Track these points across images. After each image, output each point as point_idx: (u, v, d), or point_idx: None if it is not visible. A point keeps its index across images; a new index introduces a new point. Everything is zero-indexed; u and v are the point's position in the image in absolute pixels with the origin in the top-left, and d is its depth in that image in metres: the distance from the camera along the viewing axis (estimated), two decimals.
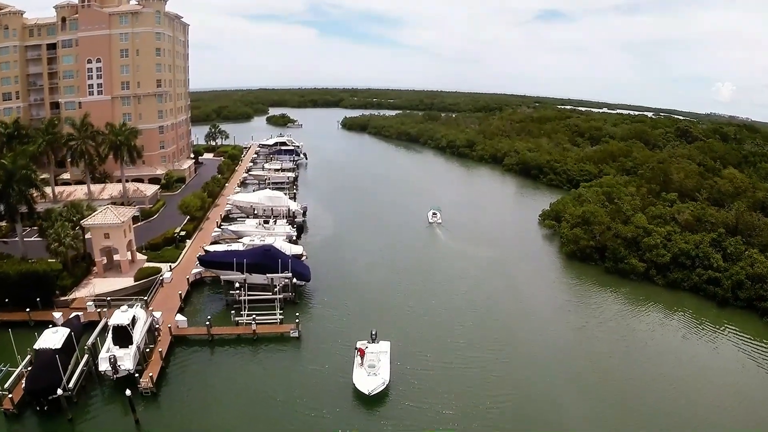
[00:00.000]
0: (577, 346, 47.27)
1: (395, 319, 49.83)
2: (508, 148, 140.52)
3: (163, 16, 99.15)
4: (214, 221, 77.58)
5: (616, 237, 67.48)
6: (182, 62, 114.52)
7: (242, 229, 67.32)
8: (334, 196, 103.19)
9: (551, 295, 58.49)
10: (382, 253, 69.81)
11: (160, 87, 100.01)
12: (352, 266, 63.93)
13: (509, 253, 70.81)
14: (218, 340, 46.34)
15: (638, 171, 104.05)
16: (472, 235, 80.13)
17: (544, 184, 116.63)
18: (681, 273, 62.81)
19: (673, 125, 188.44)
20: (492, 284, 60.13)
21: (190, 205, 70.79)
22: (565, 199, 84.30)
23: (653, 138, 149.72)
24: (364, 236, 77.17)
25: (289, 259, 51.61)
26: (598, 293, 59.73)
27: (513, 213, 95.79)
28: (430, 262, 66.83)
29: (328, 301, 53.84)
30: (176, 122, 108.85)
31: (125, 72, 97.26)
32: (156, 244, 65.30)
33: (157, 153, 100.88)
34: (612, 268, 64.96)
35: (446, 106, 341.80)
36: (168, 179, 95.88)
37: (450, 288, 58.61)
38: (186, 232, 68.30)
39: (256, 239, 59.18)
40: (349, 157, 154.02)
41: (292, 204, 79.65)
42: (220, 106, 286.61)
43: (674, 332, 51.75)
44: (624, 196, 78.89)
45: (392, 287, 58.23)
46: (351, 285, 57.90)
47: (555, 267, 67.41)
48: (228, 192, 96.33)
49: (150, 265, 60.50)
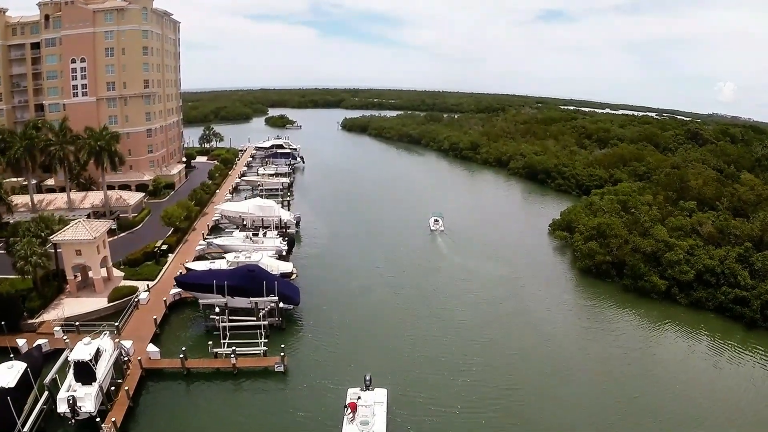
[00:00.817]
0: (601, 384, 41.82)
1: (393, 354, 44.29)
2: (514, 151, 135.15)
3: (150, 12, 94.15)
4: (201, 232, 72.30)
5: (635, 251, 62.22)
6: (173, 61, 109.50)
7: (228, 243, 62.10)
8: (331, 202, 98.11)
9: (567, 321, 52.93)
10: (381, 269, 64.41)
11: (148, 88, 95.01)
12: (346, 285, 58.46)
13: (518, 270, 65.15)
14: (195, 374, 41.20)
15: (652, 176, 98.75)
16: (476, 246, 74.85)
17: (552, 190, 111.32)
18: (705, 291, 57.73)
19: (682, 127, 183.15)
20: (501, 309, 54.37)
21: (173, 216, 65.62)
22: (577, 207, 78.92)
23: (663, 141, 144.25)
24: (361, 248, 71.91)
25: (276, 281, 46.35)
26: (618, 316, 54.38)
27: (520, 221, 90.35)
28: (433, 282, 61.13)
29: (318, 329, 48.28)
30: (166, 125, 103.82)
31: (110, 72, 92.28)
32: (135, 260, 60.23)
33: (144, 157, 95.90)
34: (631, 286, 59.69)
35: (448, 106, 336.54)
36: (156, 185, 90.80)
37: (454, 314, 52.73)
38: (168, 246, 63.15)
39: (241, 255, 53.90)
40: (349, 159, 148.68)
41: (284, 213, 74.37)
42: (219, 107, 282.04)
43: (703, 360, 46.66)
44: (640, 205, 73.52)
45: (390, 313, 52.45)
46: (345, 309, 52.32)
47: (568, 285, 61.96)
48: (219, 199, 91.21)
49: (126, 283, 55.48)
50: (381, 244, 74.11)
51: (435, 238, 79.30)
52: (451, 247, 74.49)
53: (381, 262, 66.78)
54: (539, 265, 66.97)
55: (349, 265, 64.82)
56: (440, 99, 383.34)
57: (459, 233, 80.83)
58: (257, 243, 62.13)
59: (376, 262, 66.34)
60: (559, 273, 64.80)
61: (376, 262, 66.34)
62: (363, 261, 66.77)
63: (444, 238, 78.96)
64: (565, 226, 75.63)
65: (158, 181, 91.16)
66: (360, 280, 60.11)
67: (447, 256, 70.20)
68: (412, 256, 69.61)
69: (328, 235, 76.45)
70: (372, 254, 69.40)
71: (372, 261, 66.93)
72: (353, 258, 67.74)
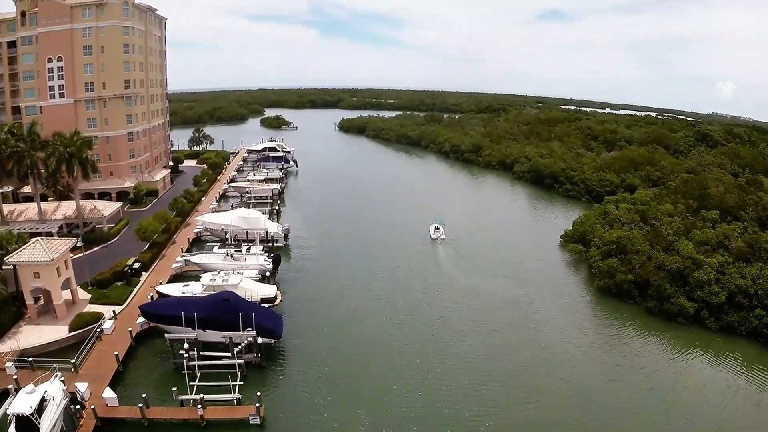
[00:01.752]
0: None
1: (387, 404, 37.74)
2: (518, 153, 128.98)
3: (132, 7, 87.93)
4: (181, 247, 65.96)
5: (659, 269, 56.22)
6: (158, 60, 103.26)
7: (207, 261, 55.90)
8: (324, 210, 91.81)
9: (590, 357, 45.94)
10: (377, 289, 58.03)
11: (129, 88, 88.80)
12: (337, 310, 51.86)
13: (528, 289, 58.79)
14: (157, 425, 35.14)
15: (667, 182, 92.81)
16: (480, 259, 68.78)
17: (560, 195, 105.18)
18: (737, 315, 51.93)
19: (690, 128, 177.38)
20: (512, 338, 47.91)
21: (148, 230, 59.41)
22: (590, 217, 72.73)
23: (674, 143, 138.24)
24: (355, 263, 65.56)
25: (254, 312, 40.07)
26: (645, 347, 48.09)
27: (527, 230, 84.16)
28: (434, 306, 54.35)
29: (303, 369, 41.57)
30: (150, 127, 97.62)
31: (89, 72, 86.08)
32: (104, 280, 54.09)
33: (126, 163, 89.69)
34: (656, 309, 53.72)
35: (448, 106, 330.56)
36: (137, 193, 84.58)
37: (460, 347, 46.03)
38: (141, 264, 56.97)
39: (218, 278, 47.60)
40: (345, 163, 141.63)
41: (272, 225, 68.03)
42: (214, 107, 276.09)
43: (746, 399, 40.60)
44: (661, 215, 67.45)
45: (385, 348, 45.53)
46: (334, 342, 45.68)
47: (587, 309, 55.35)
48: (204, 208, 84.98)
49: (91, 308, 49.46)
50: (377, 257, 67.93)
51: (436, 248, 73.57)
52: (454, 260, 68.43)
53: (377, 280, 60.43)
54: (552, 284, 60.60)
55: (341, 285, 58.43)
56: (440, 99, 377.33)
57: (461, 243, 75.14)
58: (239, 261, 55.96)
59: (371, 281, 59.95)
60: (575, 293, 58.46)
61: (371, 281, 59.95)
62: (357, 279, 60.45)
63: (445, 249, 73.16)
64: (579, 238, 69.62)
65: (139, 189, 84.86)
66: (353, 303, 53.68)
67: (449, 272, 63.62)
68: (412, 272, 63.43)
69: (319, 249, 70.21)
70: (367, 270, 63.14)
71: (367, 279, 60.63)
72: (346, 275, 61.43)
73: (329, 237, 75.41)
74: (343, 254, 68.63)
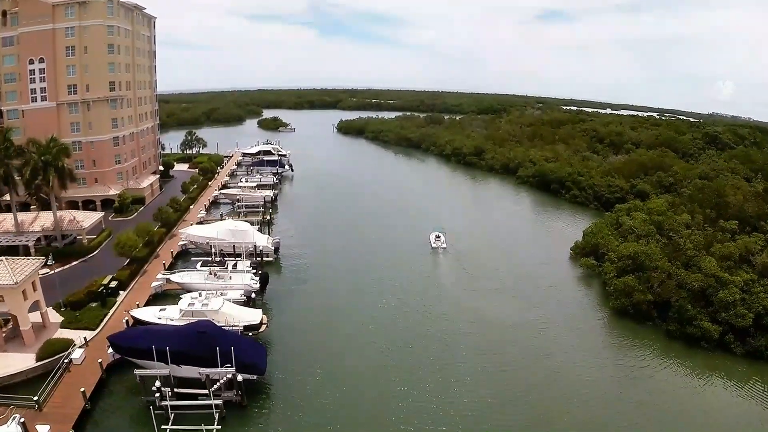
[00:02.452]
0: None
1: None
2: (522, 157, 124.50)
3: (117, 6, 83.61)
4: (163, 262, 61.27)
5: (680, 287, 51.90)
6: (146, 61, 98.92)
7: (188, 281, 51.47)
8: (319, 218, 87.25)
9: (612, 393, 40.80)
10: (373, 313, 52.66)
11: (114, 90, 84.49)
12: (329, 340, 46.75)
13: (537, 309, 54.23)
14: None
15: (680, 189, 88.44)
16: (484, 272, 64.47)
17: (567, 201, 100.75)
18: (765, 338, 47.59)
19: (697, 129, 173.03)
20: (525, 377, 42.40)
21: (126, 245, 55.02)
22: (602, 228, 68.31)
23: (683, 146, 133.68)
24: (350, 281, 60.70)
25: (234, 345, 35.61)
26: (670, 378, 43.53)
27: (533, 240, 79.74)
28: (437, 334, 48.73)
29: (289, 409, 36.83)
30: (137, 131, 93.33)
31: (72, 73, 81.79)
32: (77, 301, 49.72)
33: (111, 169, 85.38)
34: (677, 332, 49.36)
35: (448, 107, 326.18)
36: (121, 201, 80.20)
37: (465, 389, 40.21)
38: (118, 283, 52.62)
39: (196, 302, 43.13)
40: (342, 167, 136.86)
41: (261, 238, 63.51)
42: (211, 109, 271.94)
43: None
44: (678, 226, 63.10)
45: (380, 386, 40.36)
46: (325, 376, 40.89)
47: (603, 333, 50.64)
48: (193, 217, 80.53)
49: (62, 334, 45.13)
50: (374, 272, 63.37)
51: (436, 259, 69.62)
52: (456, 275, 64.16)
53: (373, 302, 55.14)
54: (563, 303, 56.00)
55: (334, 307, 53.58)
56: (440, 99, 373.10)
57: (463, 253, 71.17)
58: (223, 280, 51.52)
59: (368, 304, 54.65)
60: (588, 314, 53.89)
61: (368, 304, 54.65)
62: (352, 300, 55.50)
63: (447, 260, 69.28)
64: (591, 250, 65.30)
65: (124, 197, 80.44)
66: (346, 330, 48.85)
67: (452, 292, 58.63)
68: (411, 291, 58.31)
69: (311, 263, 65.61)
70: (363, 290, 58.20)
71: (363, 300, 55.56)
72: (340, 295, 56.58)
73: (323, 249, 70.96)
74: (338, 269, 64.12)
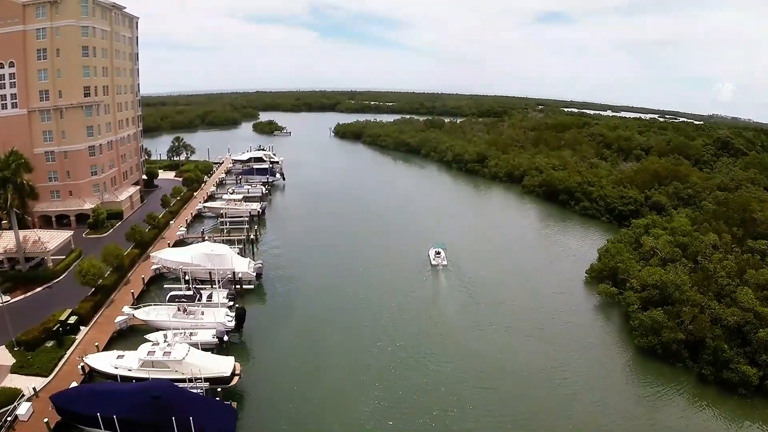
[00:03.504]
0: None
1: None
2: (528, 164, 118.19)
3: (92, 5, 77.27)
4: (131, 291, 54.26)
5: (714, 324, 45.66)
6: (128, 63, 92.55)
7: (153, 319, 45.07)
8: (310, 234, 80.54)
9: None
10: (366, 359, 45.11)
11: (90, 96, 78.18)
12: (313, 392, 39.71)
13: (552, 348, 47.63)
14: None
15: (699, 201, 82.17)
16: (490, 299, 58.12)
17: (576, 213, 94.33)
18: None
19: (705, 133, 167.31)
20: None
21: (89, 273, 48.62)
22: (620, 249, 61.87)
23: (695, 152, 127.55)
24: (341, 314, 53.32)
25: (194, 412, 29.43)
26: (699, 424, 37.60)
27: (542, 258, 73.12)
28: (440, 384, 41.59)
29: None
30: (116, 139, 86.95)
31: (44, 78, 75.46)
32: (31, 340, 43.37)
33: (86, 181, 78.98)
34: (711, 377, 43.11)
35: (448, 109, 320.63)
36: (96, 216, 73.80)
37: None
38: (78, 317, 46.24)
39: (157, 350, 36.70)
40: (337, 175, 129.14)
41: (241, 264, 56.59)
42: (206, 111, 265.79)
43: None
44: (706, 248, 56.85)
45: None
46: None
47: (627, 377, 44.16)
48: (172, 234, 74.05)
49: (11, 381, 38.86)
50: (368, 302, 56.35)
51: (437, 281, 63.75)
52: (459, 299, 58.06)
53: (364, 344, 47.41)
54: (583, 343, 48.91)
55: (321, 347, 46.38)
56: (440, 101, 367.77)
57: (466, 273, 65.48)
58: (194, 316, 45.12)
59: (359, 345, 47.30)
60: (612, 356, 46.92)
61: (359, 345, 47.30)
62: (342, 339, 48.20)
63: (449, 280, 63.55)
64: (609, 275, 59.02)
65: (98, 211, 73.97)
66: (334, 380, 41.57)
67: (456, 325, 51.76)
68: (409, 329, 50.51)
69: (298, 288, 58.97)
70: (355, 325, 51.03)
71: (354, 340, 48.24)
72: (328, 332, 49.20)
73: (312, 272, 64.13)
74: (328, 298, 57.02)
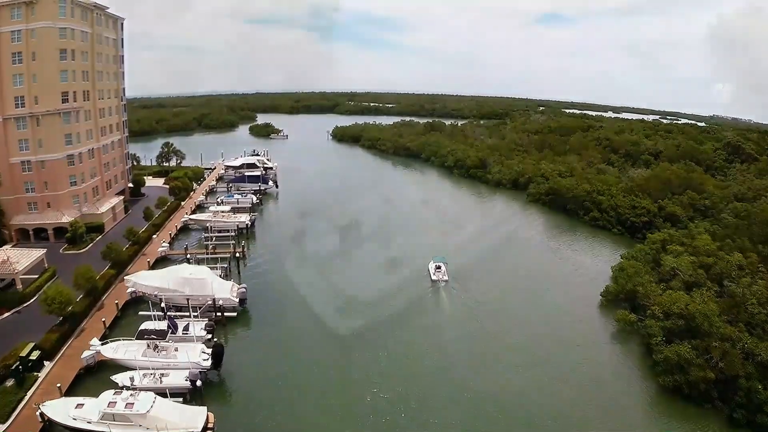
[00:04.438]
0: None
1: None
2: (533, 171, 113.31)
3: (71, 5, 72.67)
4: (103, 319, 49.28)
5: (746, 359, 40.86)
6: (111, 66, 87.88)
7: (122, 356, 40.32)
8: (302, 248, 75.83)
9: None
10: (358, 410, 39.41)
11: (68, 102, 73.57)
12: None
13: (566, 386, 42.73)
14: None
15: (718, 213, 77.29)
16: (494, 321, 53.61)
17: (585, 224, 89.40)
18: None
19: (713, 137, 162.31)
20: None
21: (55, 302, 43.85)
22: (638, 268, 56.97)
23: (706, 157, 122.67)
24: (332, 348, 47.84)
25: None
26: None
27: (552, 276, 67.93)
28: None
29: None
30: (99, 147, 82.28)
31: (18, 83, 70.84)
32: None
33: (65, 192, 74.41)
34: (743, 420, 38.32)
35: (449, 111, 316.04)
36: (74, 230, 69.12)
37: None
38: (42, 352, 41.47)
39: (119, 400, 31.78)
40: (333, 182, 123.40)
41: (222, 289, 51.44)
42: (203, 114, 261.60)
43: None
44: (732, 270, 52.01)
45: None
46: None
47: (651, 423, 39.24)
48: (154, 249, 69.26)
49: None
50: (362, 332, 50.78)
51: (438, 299, 59.55)
52: (464, 324, 53.29)
53: (356, 393, 41.36)
54: (601, 381, 43.76)
55: (305, 392, 40.88)
56: (440, 103, 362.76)
57: (468, 289, 61.43)
58: (166, 352, 40.38)
59: (350, 393, 41.40)
60: (633, 393, 42.05)
61: (350, 393, 41.40)
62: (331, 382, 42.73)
63: (451, 299, 59.36)
64: (626, 297, 54.22)
65: (76, 225, 69.29)
66: (324, 426, 37.00)
67: (462, 362, 46.20)
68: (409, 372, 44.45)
69: (285, 313, 53.96)
70: (347, 364, 45.30)
71: (344, 385, 42.45)
72: (315, 372, 43.80)
73: (302, 293, 58.70)
74: (317, 327, 51.57)
